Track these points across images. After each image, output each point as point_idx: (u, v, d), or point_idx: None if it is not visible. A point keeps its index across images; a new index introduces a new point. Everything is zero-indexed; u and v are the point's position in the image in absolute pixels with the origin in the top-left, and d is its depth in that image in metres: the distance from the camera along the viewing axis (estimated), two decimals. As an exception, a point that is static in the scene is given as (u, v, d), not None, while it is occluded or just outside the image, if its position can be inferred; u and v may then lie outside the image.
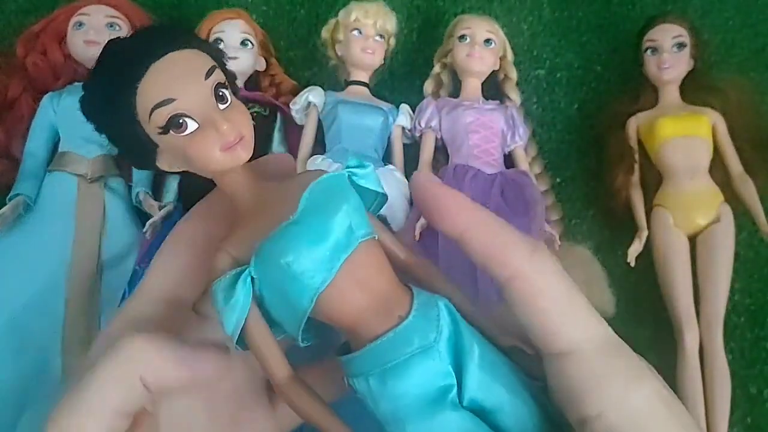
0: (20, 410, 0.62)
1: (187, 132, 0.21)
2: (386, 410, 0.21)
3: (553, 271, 0.21)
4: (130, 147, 0.23)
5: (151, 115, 0.21)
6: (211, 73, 0.22)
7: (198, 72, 0.22)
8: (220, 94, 0.22)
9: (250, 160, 0.23)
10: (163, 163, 0.24)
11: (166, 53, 0.21)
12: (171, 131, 0.21)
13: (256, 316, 0.22)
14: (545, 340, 0.20)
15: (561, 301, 0.20)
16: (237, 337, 0.21)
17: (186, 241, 0.25)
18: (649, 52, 0.83)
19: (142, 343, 0.22)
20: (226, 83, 0.23)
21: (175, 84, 0.21)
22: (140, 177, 0.77)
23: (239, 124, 0.22)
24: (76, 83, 0.82)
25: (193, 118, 0.21)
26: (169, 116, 0.21)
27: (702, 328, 0.72)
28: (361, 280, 0.21)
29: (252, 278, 0.21)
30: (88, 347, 0.25)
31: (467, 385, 0.20)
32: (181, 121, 0.21)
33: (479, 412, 0.21)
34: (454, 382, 0.20)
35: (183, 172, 0.24)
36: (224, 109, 0.22)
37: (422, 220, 0.72)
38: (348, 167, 0.22)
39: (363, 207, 0.23)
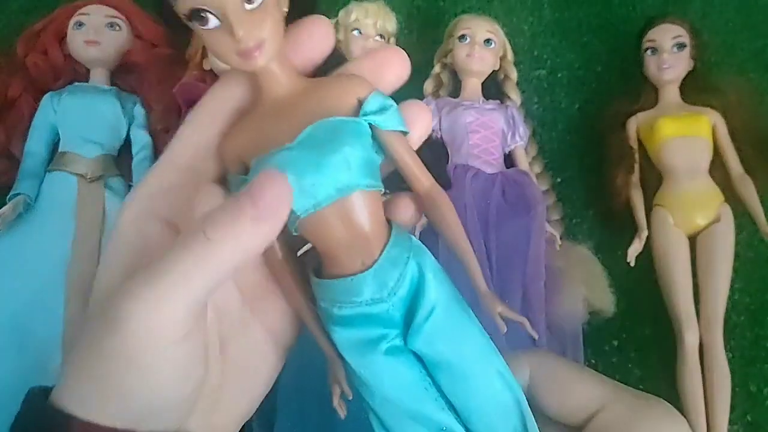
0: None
1: (208, 27, 0.20)
2: (331, 334, 0.23)
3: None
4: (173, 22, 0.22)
5: (176, 3, 0.20)
6: None
7: None
8: None
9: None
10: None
11: None
12: (195, 22, 0.20)
13: None
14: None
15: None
16: None
17: (212, 113, 0.24)
18: (649, 52, 0.84)
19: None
20: None
21: None
22: (141, 177, 0.77)
23: (260, 28, 0.20)
24: (76, 83, 0.82)
25: (214, 14, 0.20)
26: (191, 8, 0.20)
27: (702, 328, 0.72)
28: (344, 222, 0.22)
29: None
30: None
31: (410, 338, 0.22)
32: (203, 15, 0.20)
33: (426, 362, 0.23)
34: (391, 333, 0.22)
35: None
36: (252, 9, 0.20)
37: (423, 219, 0.72)
38: (365, 114, 0.22)
39: (374, 159, 0.23)
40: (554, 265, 0.76)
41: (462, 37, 0.83)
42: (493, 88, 0.87)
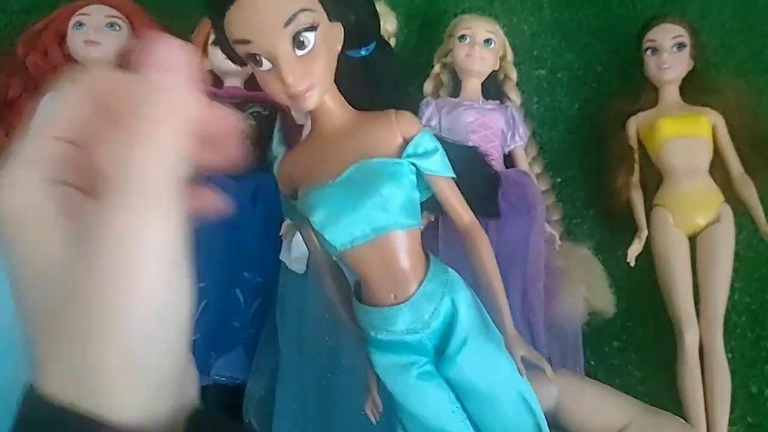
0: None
1: (263, 68, 0.21)
2: (368, 353, 0.25)
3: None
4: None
5: (234, 45, 0.21)
6: (294, 19, 0.21)
7: (279, 18, 0.21)
8: (301, 39, 0.21)
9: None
10: None
11: None
12: (251, 63, 0.22)
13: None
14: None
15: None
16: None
17: (88, 92, 0.21)
18: (649, 52, 0.84)
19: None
20: (315, 24, 0.21)
21: (253, 27, 0.21)
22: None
23: (310, 73, 0.21)
24: (76, 83, 0.82)
25: (268, 59, 0.21)
26: (247, 53, 0.22)
27: (702, 328, 0.72)
28: (381, 259, 0.23)
29: None
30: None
31: (441, 366, 0.24)
32: (258, 58, 0.21)
33: (455, 387, 0.25)
34: (422, 360, 0.24)
35: None
36: (303, 55, 0.21)
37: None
38: (408, 155, 0.23)
39: (413, 198, 0.23)
40: (554, 265, 0.76)
41: (462, 37, 0.83)
42: (493, 88, 0.87)
